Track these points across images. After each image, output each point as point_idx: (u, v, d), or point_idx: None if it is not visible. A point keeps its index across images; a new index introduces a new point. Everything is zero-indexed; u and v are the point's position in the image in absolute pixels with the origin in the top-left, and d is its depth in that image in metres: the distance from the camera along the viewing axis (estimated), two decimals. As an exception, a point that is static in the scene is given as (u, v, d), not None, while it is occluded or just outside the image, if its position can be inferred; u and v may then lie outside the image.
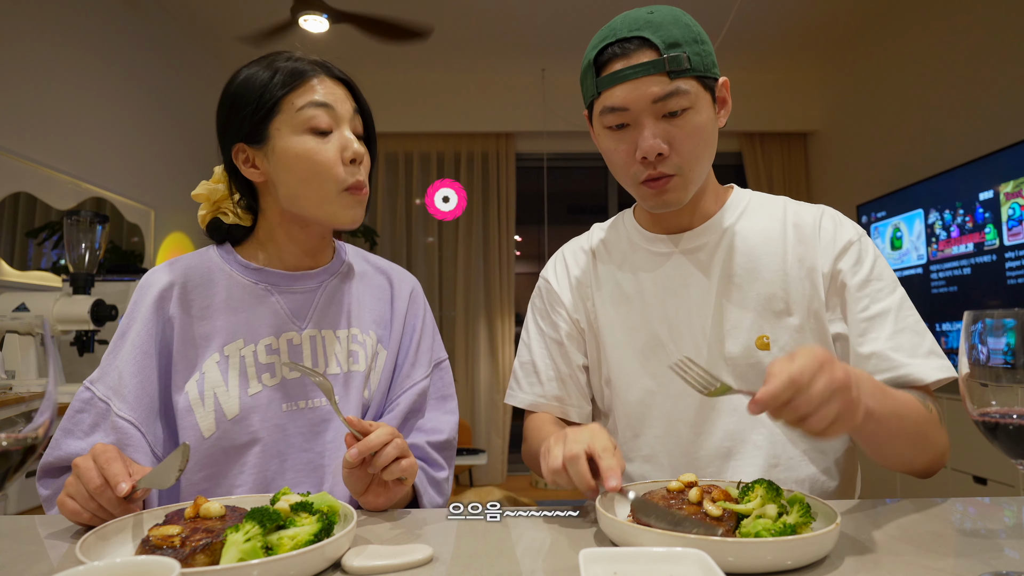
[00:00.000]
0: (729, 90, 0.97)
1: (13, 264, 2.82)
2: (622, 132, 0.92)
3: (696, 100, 0.90)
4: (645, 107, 0.89)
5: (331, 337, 0.97)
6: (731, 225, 1.01)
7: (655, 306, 1.01)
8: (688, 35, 0.90)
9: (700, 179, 0.96)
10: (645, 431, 1.01)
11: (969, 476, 2.83)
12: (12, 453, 0.53)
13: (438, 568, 0.61)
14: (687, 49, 0.89)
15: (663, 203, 0.95)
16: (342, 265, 1.05)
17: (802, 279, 0.96)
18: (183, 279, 0.94)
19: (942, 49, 3.50)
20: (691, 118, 0.90)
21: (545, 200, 5.09)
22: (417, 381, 1.02)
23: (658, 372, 0.99)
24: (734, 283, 0.98)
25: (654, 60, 0.88)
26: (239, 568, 0.54)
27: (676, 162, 0.91)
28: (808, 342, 0.95)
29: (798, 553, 0.59)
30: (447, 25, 4.14)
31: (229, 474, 0.88)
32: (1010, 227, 2.78)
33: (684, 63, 0.88)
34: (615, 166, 0.96)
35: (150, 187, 3.84)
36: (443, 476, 0.98)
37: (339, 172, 0.90)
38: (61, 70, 3.14)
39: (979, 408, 0.58)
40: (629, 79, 0.88)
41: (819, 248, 0.97)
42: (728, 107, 0.98)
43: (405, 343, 1.05)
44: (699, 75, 0.90)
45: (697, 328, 0.98)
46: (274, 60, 0.93)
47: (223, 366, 0.90)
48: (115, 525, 0.66)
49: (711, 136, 0.93)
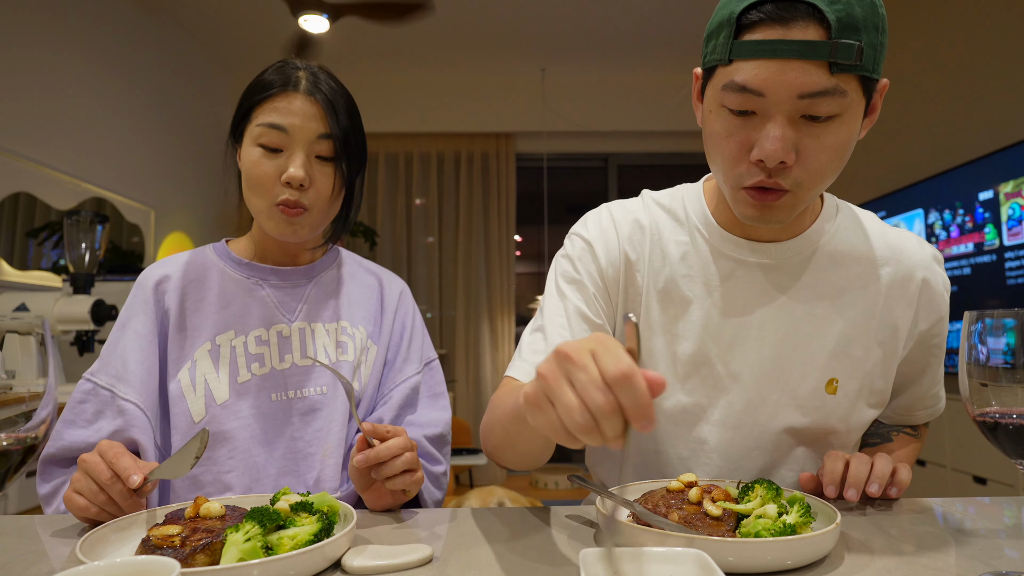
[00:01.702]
0: (884, 95, 0.77)
1: (13, 264, 2.82)
2: (743, 119, 0.73)
3: (850, 107, 0.71)
4: (786, 99, 0.69)
5: (320, 330, 1.00)
6: (824, 245, 0.87)
7: (712, 318, 0.87)
8: (871, 18, 0.69)
9: (813, 200, 0.79)
10: (669, 450, 0.90)
11: (969, 476, 2.83)
12: (12, 453, 0.53)
13: (438, 568, 0.61)
14: (864, 37, 0.68)
15: (761, 219, 0.78)
16: (333, 262, 1.08)
17: (886, 327, 0.87)
18: (179, 273, 0.98)
19: (942, 49, 3.50)
20: (835, 128, 0.71)
21: (545, 200, 5.09)
22: (409, 376, 1.03)
23: (696, 390, 0.87)
24: (815, 315, 0.86)
25: (818, 42, 0.67)
26: (239, 568, 0.54)
27: (798, 177, 0.73)
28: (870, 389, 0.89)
29: (798, 553, 0.59)
30: (447, 25, 4.14)
31: (218, 459, 0.90)
32: (1010, 227, 2.78)
33: (855, 56, 0.67)
34: (718, 155, 0.77)
35: (150, 187, 3.84)
36: (440, 470, 1.00)
37: (272, 188, 0.92)
38: (61, 70, 3.14)
39: (979, 408, 0.58)
40: (779, 56, 0.68)
41: (918, 306, 0.88)
42: (875, 115, 0.77)
43: (395, 339, 1.06)
44: (865, 75, 0.70)
45: (753, 355, 0.86)
46: (277, 67, 0.96)
47: (214, 355, 0.93)
48: (115, 525, 0.66)
49: (848, 153, 0.75)
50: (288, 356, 0.96)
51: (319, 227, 0.98)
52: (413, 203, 5.12)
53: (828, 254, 0.87)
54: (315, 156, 0.93)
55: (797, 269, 0.86)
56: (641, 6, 4.02)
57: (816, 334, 0.85)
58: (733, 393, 0.86)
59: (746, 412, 0.86)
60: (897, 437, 0.99)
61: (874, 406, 0.90)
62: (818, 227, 0.87)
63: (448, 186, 5.09)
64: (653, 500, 0.70)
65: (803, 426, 0.87)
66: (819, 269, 0.87)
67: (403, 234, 5.07)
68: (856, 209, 0.94)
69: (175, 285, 0.96)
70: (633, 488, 0.78)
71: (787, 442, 0.88)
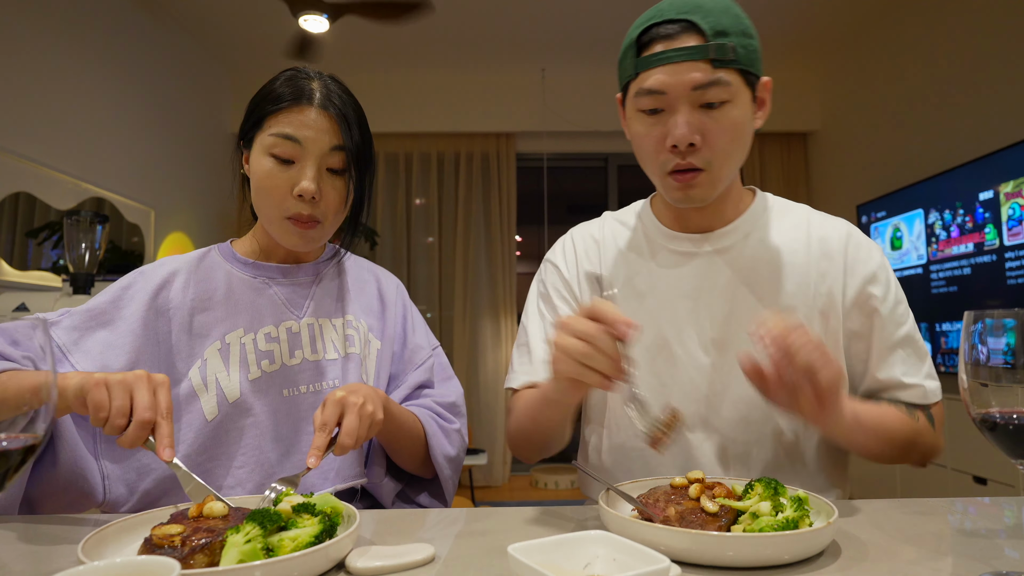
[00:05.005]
0: (770, 92, 0.93)
1: (13, 264, 2.82)
2: (655, 117, 0.89)
3: (736, 94, 0.87)
4: (683, 93, 0.86)
5: (328, 325, 1.02)
6: (754, 231, 0.99)
7: (666, 306, 0.98)
8: (737, 26, 0.87)
9: (728, 178, 0.93)
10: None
11: (969, 476, 2.83)
12: (12, 453, 0.53)
13: (440, 568, 0.61)
14: (734, 40, 0.86)
15: (687, 198, 0.92)
16: (334, 260, 1.10)
17: (821, 295, 0.95)
18: (185, 271, 0.99)
19: (942, 49, 3.50)
20: (728, 112, 0.87)
21: (545, 200, 5.09)
22: (423, 361, 1.09)
23: (662, 371, 0.97)
24: (753, 292, 0.96)
25: (699, 46, 0.85)
26: (242, 569, 0.54)
27: (707, 156, 0.88)
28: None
29: (796, 548, 0.60)
30: (447, 25, 4.14)
31: (231, 455, 0.91)
32: (1010, 227, 2.78)
33: (729, 53, 0.85)
34: (643, 153, 0.94)
35: (150, 187, 3.84)
36: (453, 428, 1.04)
37: (283, 201, 0.93)
38: (62, 70, 3.14)
39: (979, 408, 0.58)
40: (671, 61, 0.85)
41: (845, 268, 0.96)
42: (767, 109, 0.94)
43: (400, 331, 1.10)
44: (743, 69, 0.87)
45: (707, 333, 0.96)
46: (288, 77, 0.96)
47: (224, 353, 0.94)
48: (117, 525, 0.66)
49: (746, 135, 0.91)
50: (298, 352, 0.98)
51: (328, 236, 1.00)
52: (413, 203, 5.12)
53: (759, 237, 0.99)
54: (326, 168, 0.94)
55: (733, 252, 0.98)
56: (641, 7, 4.01)
57: (758, 307, 0.95)
58: (692, 369, 0.96)
59: (705, 385, 0.95)
60: (882, 404, 0.94)
61: None
62: (748, 215, 1.00)
63: (448, 186, 5.09)
64: (655, 496, 0.71)
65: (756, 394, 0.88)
66: (752, 250, 0.98)
67: (403, 234, 5.06)
68: (787, 201, 1.05)
69: (180, 283, 0.97)
70: (637, 485, 0.79)
71: (756, 416, 0.93)
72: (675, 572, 0.55)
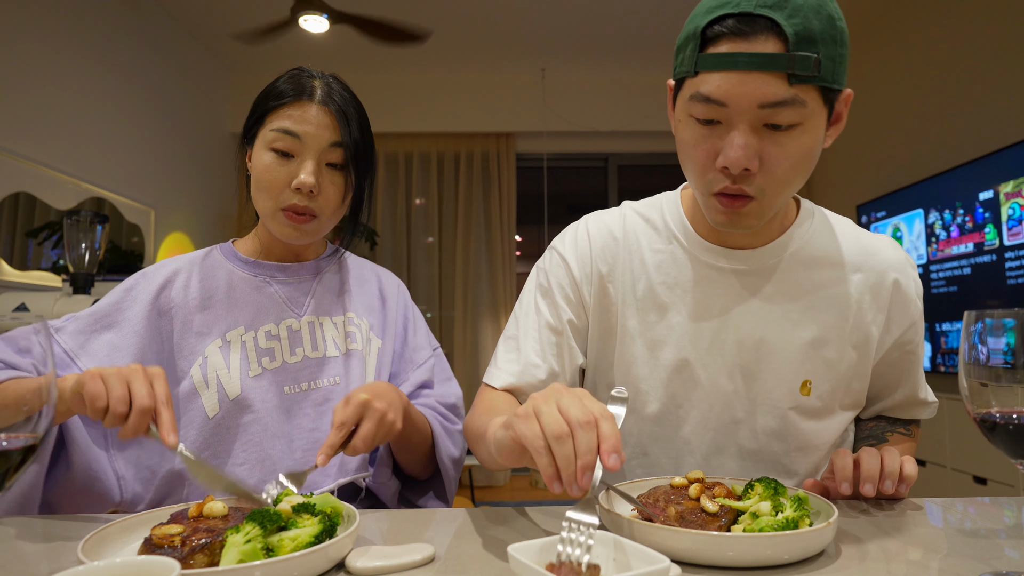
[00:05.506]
0: (849, 105, 0.79)
1: (13, 264, 2.82)
2: (709, 128, 0.76)
3: (810, 116, 0.73)
4: (746, 108, 0.72)
5: (328, 323, 1.02)
6: (797, 251, 0.89)
7: (690, 322, 0.89)
8: (829, 31, 0.71)
9: (780, 206, 0.81)
10: (654, 450, 0.93)
11: (969, 476, 2.83)
12: (12, 453, 0.53)
13: (440, 567, 0.61)
14: (822, 50, 0.70)
15: (730, 223, 0.80)
16: (335, 258, 1.10)
17: (860, 332, 0.89)
18: (186, 270, 1.00)
19: (942, 49, 3.50)
20: (797, 137, 0.74)
21: (545, 200, 5.09)
22: (423, 360, 1.09)
23: (678, 393, 0.90)
24: (788, 319, 0.88)
25: (777, 55, 0.69)
26: (242, 569, 0.54)
27: (761, 184, 0.76)
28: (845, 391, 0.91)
29: (796, 548, 0.60)
30: (447, 25, 4.15)
31: (232, 452, 0.91)
32: (1010, 227, 2.78)
33: (812, 68, 0.70)
34: (689, 163, 0.81)
35: (150, 187, 3.84)
36: (457, 428, 1.04)
37: (280, 192, 0.94)
38: (61, 70, 3.14)
39: (979, 408, 0.58)
40: (739, 68, 0.70)
41: (889, 314, 0.90)
42: (842, 125, 0.80)
43: (401, 330, 1.10)
44: (824, 85, 0.72)
45: (730, 358, 0.88)
46: (291, 75, 0.98)
47: (225, 351, 0.94)
48: (117, 525, 0.66)
49: (811, 161, 0.77)
50: (299, 349, 0.98)
51: (324, 232, 1.00)
52: (413, 203, 5.12)
53: (801, 259, 0.89)
54: (325, 164, 0.95)
55: (770, 274, 0.88)
56: (641, 6, 4.02)
57: (790, 337, 0.87)
58: (713, 395, 0.89)
59: (725, 412, 0.90)
60: (892, 437, 0.99)
61: (848, 408, 0.93)
62: (791, 233, 0.90)
63: (448, 186, 5.09)
64: (655, 496, 0.71)
65: (779, 427, 0.89)
66: (792, 273, 0.89)
67: (403, 234, 5.07)
68: (831, 214, 0.95)
69: (181, 283, 0.98)
70: (637, 485, 0.78)
71: (767, 444, 0.90)
72: (675, 572, 0.55)
